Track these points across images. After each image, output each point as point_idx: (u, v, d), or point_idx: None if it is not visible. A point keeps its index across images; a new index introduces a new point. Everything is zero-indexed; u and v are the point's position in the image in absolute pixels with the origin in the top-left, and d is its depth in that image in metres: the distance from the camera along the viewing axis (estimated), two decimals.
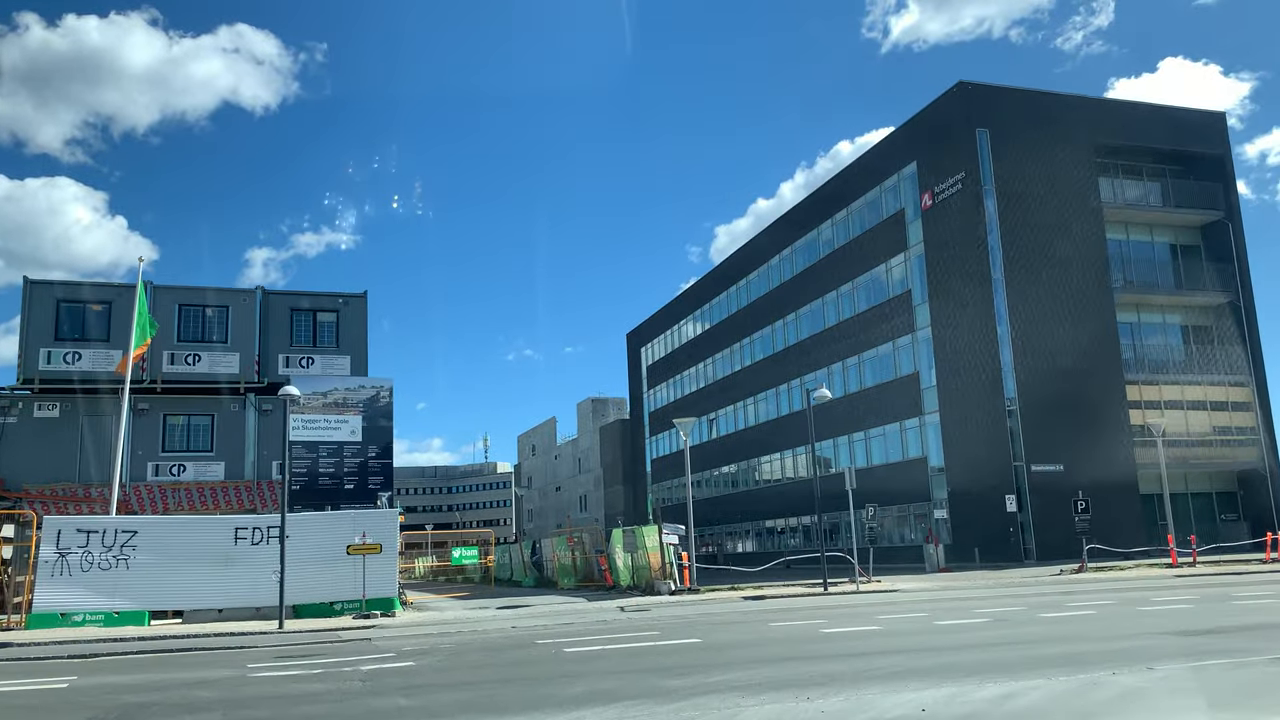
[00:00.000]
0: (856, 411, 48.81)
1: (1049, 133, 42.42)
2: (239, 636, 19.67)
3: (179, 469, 29.45)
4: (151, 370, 29.04)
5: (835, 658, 11.85)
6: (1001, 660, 10.90)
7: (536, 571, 41.31)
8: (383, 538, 24.42)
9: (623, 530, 30.58)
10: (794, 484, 55.90)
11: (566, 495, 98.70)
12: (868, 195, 49.55)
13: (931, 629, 15.13)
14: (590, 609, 23.19)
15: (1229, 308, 44.26)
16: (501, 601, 28.52)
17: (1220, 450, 42.95)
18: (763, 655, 12.46)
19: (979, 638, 13.52)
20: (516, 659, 13.40)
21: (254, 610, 23.49)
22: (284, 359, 30.29)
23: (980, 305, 40.93)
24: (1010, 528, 38.31)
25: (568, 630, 17.71)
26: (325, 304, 31.04)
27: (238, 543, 23.74)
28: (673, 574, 27.60)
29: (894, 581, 28.84)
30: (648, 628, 17.23)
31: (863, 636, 14.32)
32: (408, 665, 13.14)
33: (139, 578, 22.80)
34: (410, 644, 16.62)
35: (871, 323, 48.65)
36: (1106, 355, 41.22)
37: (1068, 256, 41.49)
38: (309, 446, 26.42)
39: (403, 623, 21.89)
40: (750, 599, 24.63)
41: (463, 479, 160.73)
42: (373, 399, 27.11)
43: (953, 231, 42.68)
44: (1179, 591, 21.22)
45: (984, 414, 40.69)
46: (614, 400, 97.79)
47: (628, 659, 12.64)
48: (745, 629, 16.38)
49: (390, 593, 24.46)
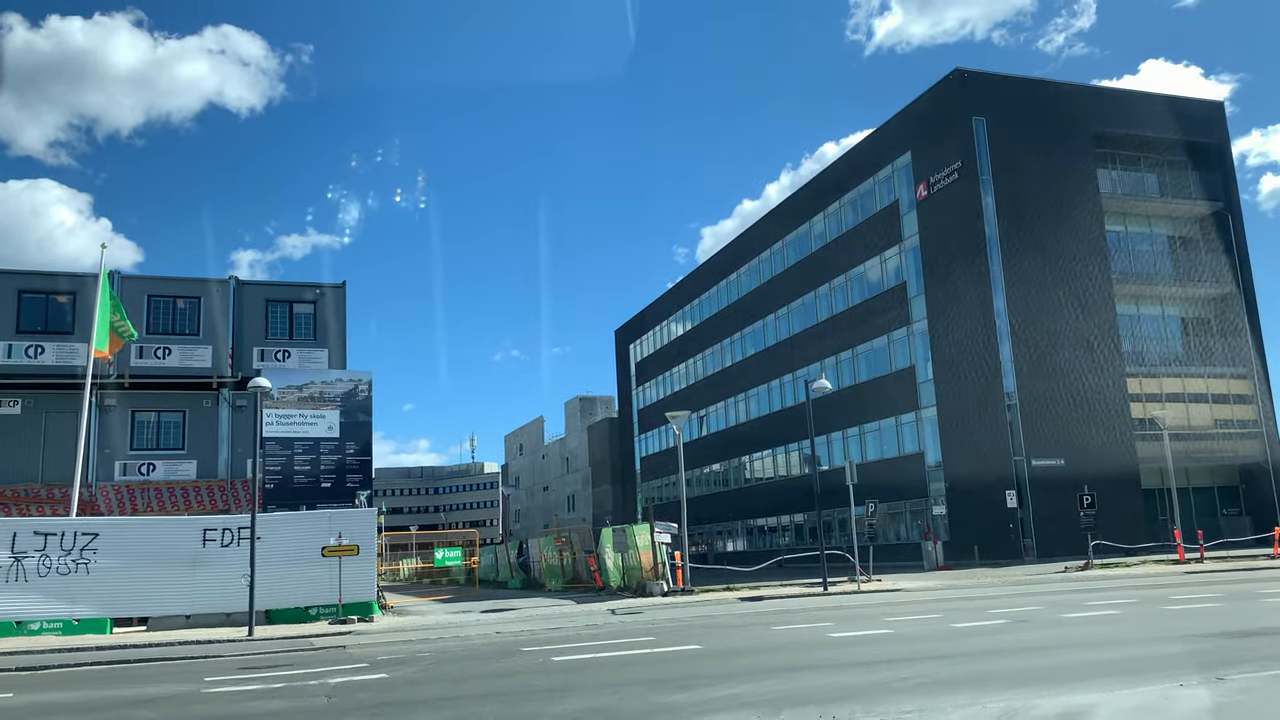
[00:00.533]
0: (851, 406, 47.76)
1: (1046, 121, 41.49)
2: (204, 645, 18.44)
3: (148, 468, 28.10)
4: (119, 364, 27.68)
5: (851, 667, 10.73)
6: (1041, 669, 9.80)
7: (523, 573, 40.16)
8: (360, 538, 23.20)
9: (613, 529, 29.42)
10: (786, 481, 54.84)
11: (554, 495, 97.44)
12: (861, 187, 48.52)
13: (949, 632, 14.03)
14: (579, 612, 22.02)
15: (1230, 299, 43.44)
16: (486, 604, 27.32)
17: (1222, 444, 42.11)
18: (770, 664, 11.33)
19: (1004, 642, 12.42)
20: (500, 669, 12.23)
21: (224, 616, 22.25)
22: (259, 352, 28.99)
23: (978, 297, 39.94)
24: (1010, 524, 37.33)
25: (556, 635, 16.54)
26: (302, 295, 29.75)
27: (206, 545, 22.46)
28: (665, 574, 26.46)
29: (895, 580, 27.78)
30: (642, 632, 16.09)
31: (875, 641, 13.20)
32: (380, 678, 11.95)
33: (100, 583, 21.50)
34: (386, 652, 15.43)
35: (866, 316, 47.61)
36: (1107, 347, 40.31)
37: (1067, 247, 40.57)
38: (283, 443, 25.13)
39: (381, 628, 20.68)
40: (747, 600, 23.51)
41: (449, 479, 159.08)
42: (351, 393, 25.84)
43: (949, 222, 41.68)
44: (1198, 589, 20.21)
45: (982, 408, 39.70)
46: (602, 399, 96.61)
47: (622, 669, 11.49)
48: (746, 633, 15.25)
49: (368, 596, 23.24)
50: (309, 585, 22.78)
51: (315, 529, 23.10)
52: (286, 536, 22.94)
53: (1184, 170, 44.31)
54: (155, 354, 28.28)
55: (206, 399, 28.81)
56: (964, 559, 37.74)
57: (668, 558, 26.70)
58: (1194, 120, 44.68)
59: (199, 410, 28.79)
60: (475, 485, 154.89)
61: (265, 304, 29.51)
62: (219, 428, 28.80)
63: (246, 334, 29.18)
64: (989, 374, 39.34)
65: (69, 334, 27.66)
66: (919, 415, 43.67)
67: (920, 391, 43.63)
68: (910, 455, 44.10)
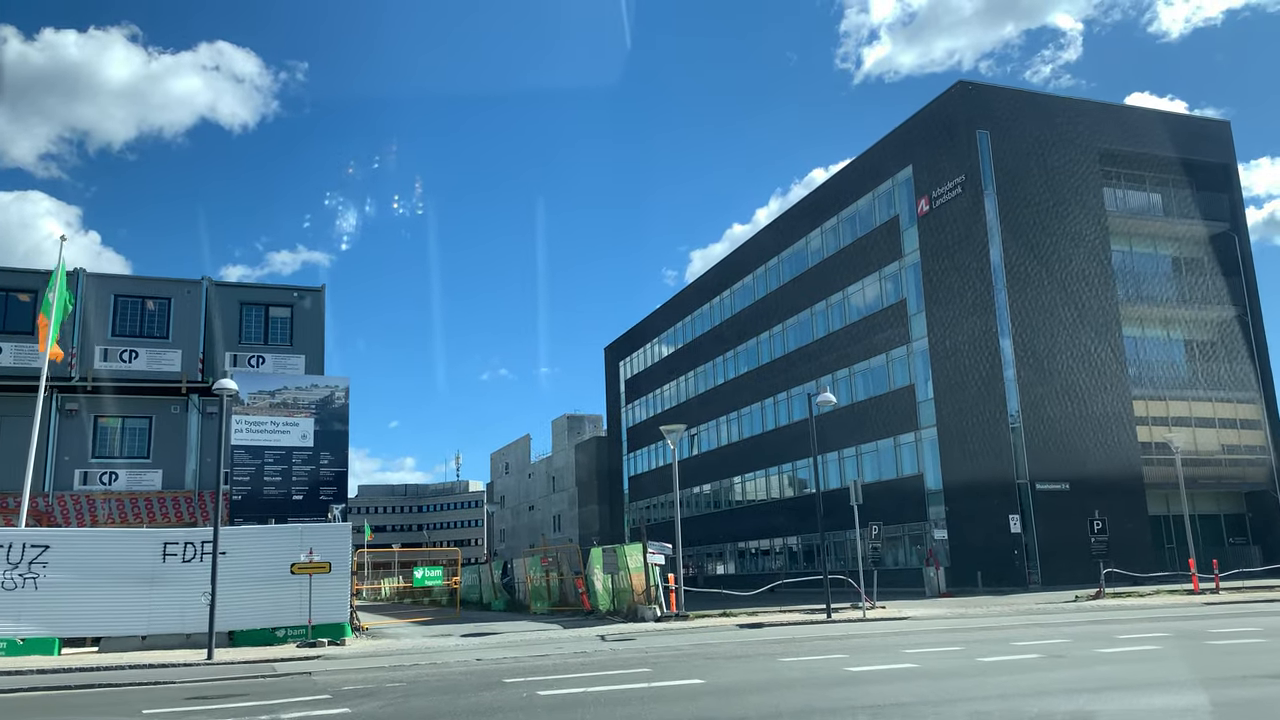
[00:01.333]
0: (848, 426, 46.41)
1: (1052, 137, 40.50)
2: (157, 669, 16.87)
3: (110, 477, 26.48)
4: (81, 367, 26.14)
5: (879, 710, 9.31)
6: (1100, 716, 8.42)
7: (508, 594, 38.55)
8: (333, 555, 21.66)
9: (603, 549, 27.93)
10: (779, 504, 53.39)
11: (540, 515, 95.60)
12: (860, 201, 47.39)
13: (977, 668, 12.62)
14: (567, 638, 20.52)
15: (1236, 321, 42.40)
16: (467, 628, 25.75)
17: (1228, 470, 40.93)
18: (786, 705, 9.90)
19: (1043, 682, 11.02)
20: (477, 705, 10.75)
21: (184, 637, 20.65)
22: (232, 357, 27.46)
23: (980, 315, 38.74)
24: (1015, 549, 35.95)
25: (542, 665, 15.06)
26: (279, 298, 28.27)
27: (166, 559, 20.90)
28: (658, 598, 24.97)
29: (899, 608, 26.34)
30: (637, 663, 14.63)
31: (901, 678, 11.78)
32: (339, 714, 10.47)
33: (49, 599, 19.90)
34: (354, 680, 13.93)
35: (864, 334, 46.37)
36: (1112, 369, 39.16)
37: (1072, 266, 39.48)
38: (253, 451, 23.57)
39: (352, 652, 19.13)
40: (746, 626, 22.04)
41: (434, 498, 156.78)
42: (326, 400, 24.33)
43: (951, 238, 40.54)
44: (1232, 622, 18.87)
45: (985, 429, 38.41)
46: (590, 418, 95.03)
47: (618, 708, 10.05)
48: (752, 666, 13.81)
49: (340, 618, 21.67)
50: (276, 605, 21.23)
51: (285, 544, 21.56)
52: (253, 552, 21.41)
53: (1189, 190, 43.37)
54: (121, 357, 26.73)
55: (175, 405, 27.25)
56: (966, 585, 36.33)
57: (661, 580, 25.22)
58: (1200, 138, 43.80)
59: (166, 417, 27.21)
60: (460, 504, 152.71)
61: (240, 306, 28.00)
62: (187, 436, 27.22)
63: (219, 338, 27.65)
64: (992, 393, 38.10)
65: (29, 334, 26.07)
66: (918, 436, 42.36)
67: (920, 411, 42.34)
68: (909, 477, 42.75)
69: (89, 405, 26.57)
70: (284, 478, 23.74)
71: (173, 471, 27.13)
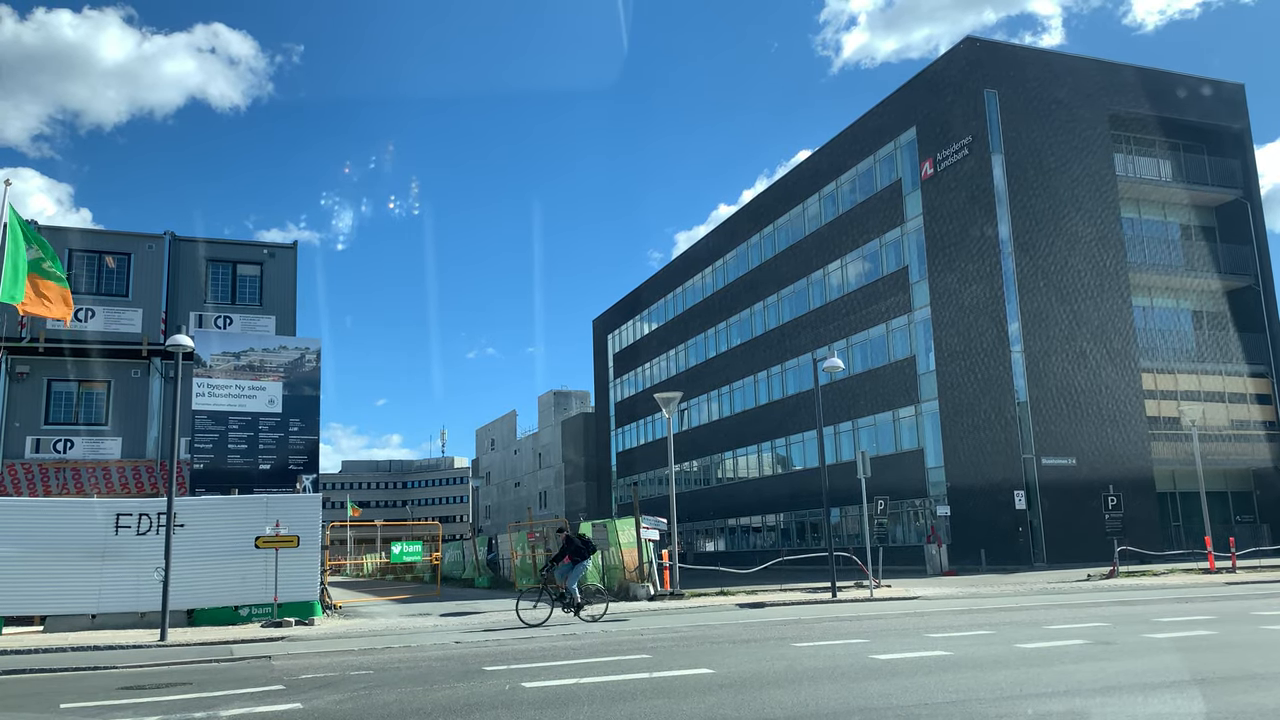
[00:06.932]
0: (845, 400, 44.99)
1: (1061, 97, 38.89)
2: (102, 652, 15.27)
3: (65, 445, 24.74)
4: (33, 327, 24.33)
5: (939, 709, 7.78)
6: None
7: (492, 571, 37.09)
8: (302, 528, 20.08)
9: (592, 524, 26.43)
10: (771, 479, 52.02)
11: (526, 491, 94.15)
12: (860, 165, 45.72)
13: (1021, 656, 11.13)
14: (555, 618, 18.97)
15: (1248, 293, 41.06)
16: (448, 606, 24.23)
17: (1236, 446, 39.69)
18: (816, 703, 8.37)
19: (1112, 674, 9.51)
20: (452, 701, 9.19)
21: (138, 616, 19.07)
22: (197, 318, 25.68)
23: (986, 282, 37.25)
24: (1019, 526, 34.65)
25: (527, 650, 13.53)
26: (248, 254, 26.47)
27: (119, 532, 19.26)
28: (652, 576, 23.50)
29: (906, 586, 24.95)
30: (633, 647, 13.11)
31: (936, 669, 10.28)
32: (288, 710, 8.89)
33: None
34: (316, 666, 12.37)
35: (862, 303, 44.83)
36: (1121, 341, 37.79)
37: (1081, 233, 38.00)
38: (216, 417, 21.86)
39: (320, 633, 17.56)
40: (746, 606, 20.58)
41: (419, 474, 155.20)
42: (296, 362, 22.62)
43: (956, 202, 38.96)
44: (1272, 603, 17.53)
45: (988, 402, 37.01)
46: (577, 393, 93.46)
47: (616, 705, 8.50)
48: (763, 651, 12.29)
49: (309, 596, 20.11)
50: (240, 582, 19.65)
51: (250, 516, 19.96)
52: (215, 524, 19.81)
53: (1201, 155, 41.87)
54: (77, 316, 24.89)
55: (135, 369, 25.48)
56: (969, 563, 35.03)
57: (655, 557, 23.74)
58: (1213, 102, 42.26)
59: (126, 381, 25.45)
60: (446, 480, 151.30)
61: (206, 264, 26.20)
62: (149, 402, 25.48)
63: (183, 297, 25.86)
64: (996, 365, 36.67)
65: None
66: (919, 409, 40.94)
67: (921, 384, 40.91)
68: (909, 452, 41.37)
69: (42, 368, 24.78)
70: (250, 445, 22.05)
71: (133, 439, 25.41)
